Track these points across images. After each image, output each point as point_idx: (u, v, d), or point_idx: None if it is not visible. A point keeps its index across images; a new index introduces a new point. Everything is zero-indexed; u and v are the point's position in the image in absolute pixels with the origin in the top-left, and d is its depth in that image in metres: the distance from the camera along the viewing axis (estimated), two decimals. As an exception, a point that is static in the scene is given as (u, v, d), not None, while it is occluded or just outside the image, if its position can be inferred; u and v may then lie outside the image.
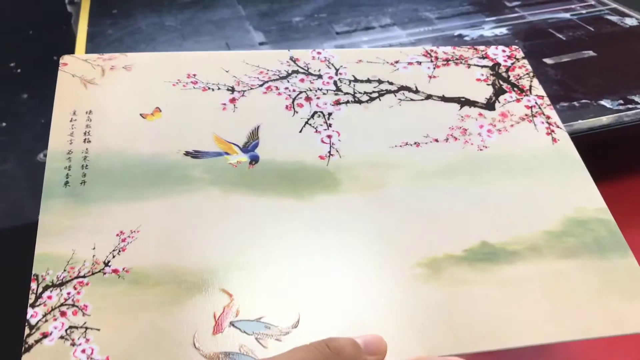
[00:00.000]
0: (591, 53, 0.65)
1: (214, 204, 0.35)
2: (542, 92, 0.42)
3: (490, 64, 0.44)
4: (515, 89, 0.42)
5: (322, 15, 0.78)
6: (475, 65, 0.44)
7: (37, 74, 0.70)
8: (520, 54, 0.45)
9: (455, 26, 0.73)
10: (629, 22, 0.71)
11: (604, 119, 0.53)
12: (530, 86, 0.43)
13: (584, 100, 0.56)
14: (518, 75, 0.43)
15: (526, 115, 0.41)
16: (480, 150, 0.39)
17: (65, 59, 0.41)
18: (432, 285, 0.32)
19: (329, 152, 0.38)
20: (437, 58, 0.44)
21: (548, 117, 0.41)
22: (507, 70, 0.44)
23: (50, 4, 0.81)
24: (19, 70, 0.70)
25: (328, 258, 0.33)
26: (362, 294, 0.32)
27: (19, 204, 0.50)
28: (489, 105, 0.41)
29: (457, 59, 0.44)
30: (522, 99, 0.42)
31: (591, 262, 0.34)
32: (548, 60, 0.63)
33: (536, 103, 0.42)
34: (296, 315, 0.31)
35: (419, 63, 0.43)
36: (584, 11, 0.75)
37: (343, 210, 0.35)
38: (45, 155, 0.49)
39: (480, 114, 0.41)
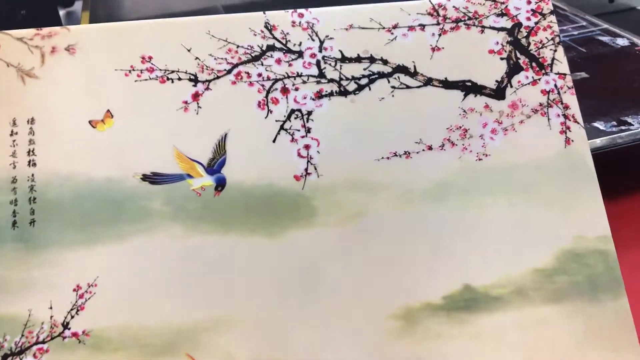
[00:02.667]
0: (584, 75, 0.64)
1: (176, 246, 0.31)
2: (565, 68, 0.35)
3: (509, 25, 0.36)
4: (533, 63, 0.35)
5: None
6: (490, 27, 0.36)
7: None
8: (548, 6, 0.36)
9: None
10: (621, 42, 0.71)
11: (598, 141, 0.53)
12: (553, 59, 0.36)
13: (577, 123, 0.56)
14: (540, 41, 0.36)
15: (540, 105, 0.35)
16: (480, 159, 0.34)
17: None
18: (405, 341, 0.31)
19: (306, 169, 0.33)
20: (445, 18, 0.35)
21: (566, 107, 0.35)
22: (528, 34, 0.36)
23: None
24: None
25: (296, 314, 0.31)
26: (332, 354, 0.30)
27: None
28: (499, 92, 0.35)
29: (470, 19, 0.36)
30: (539, 79, 0.35)
31: (580, 307, 0.32)
32: (541, 83, 0.63)
33: (555, 86, 0.35)
34: None
35: (422, 28, 0.35)
36: (575, 32, 0.75)
37: (316, 249, 0.32)
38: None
39: (486, 106, 0.34)
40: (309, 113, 0.34)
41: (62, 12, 0.89)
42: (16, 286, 0.30)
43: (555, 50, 0.36)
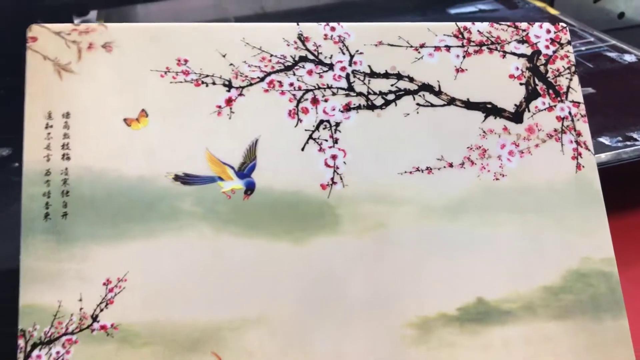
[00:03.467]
0: (591, 90, 0.65)
1: (205, 246, 0.32)
2: (579, 97, 0.37)
3: (529, 51, 0.37)
4: (550, 90, 0.37)
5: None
6: (511, 53, 0.37)
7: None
8: (566, 36, 0.38)
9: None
10: (628, 58, 0.72)
11: (603, 156, 0.53)
12: (568, 88, 0.37)
13: (583, 138, 0.56)
14: (557, 70, 0.38)
15: (555, 130, 0.37)
16: (497, 179, 0.35)
17: (33, 30, 0.34)
18: (420, 348, 0.32)
19: (332, 179, 0.34)
20: (469, 41, 0.37)
21: (579, 134, 0.37)
22: (546, 62, 0.38)
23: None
24: (32, 112, 0.71)
25: (317, 318, 0.32)
26: (350, 357, 0.32)
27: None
28: (517, 116, 0.36)
29: (492, 43, 0.37)
30: (555, 106, 0.37)
31: (582, 324, 0.34)
32: (548, 98, 0.64)
33: (569, 113, 0.37)
34: None
35: (448, 49, 0.37)
36: (583, 48, 0.75)
37: (338, 256, 0.33)
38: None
39: (505, 128, 0.36)
40: (337, 124, 0.35)
41: (77, 21, 0.90)
42: (47, 277, 0.31)
43: (570, 79, 0.37)
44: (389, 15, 0.90)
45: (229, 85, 0.35)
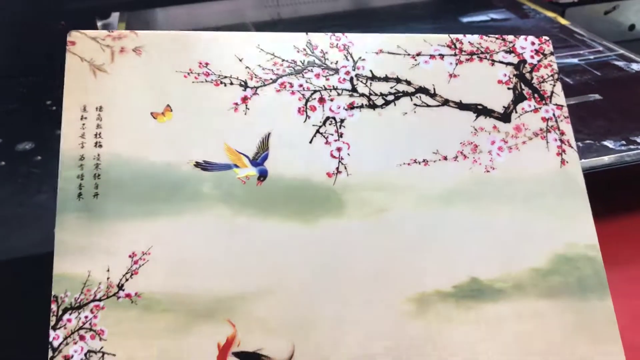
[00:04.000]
0: (597, 96, 0.67)
1: (222, 225, 0.36)
2: (562, 100, 0.41)
3: (515, 60, 0.41)
4: (535, 94, 0.41)
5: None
6: (499, 62, 0.41)
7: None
8: (549, 47, 0.42)
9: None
10: (636, 67, 0.73)
11: (606, 159, 0.55)
12: (552, 92, 0.41)
13: (587, 141, 0.58)
14: (542, 77, 0.41)
15: (540, 130, 0.40)
16: (487, 172, 0.38)
17: (72, 35, 0.38)
18: (418, 321, 0.35)
19: (337, 168, 0.38)
20: (461, 50, 0.41)
21: (562, 133, 0.40)
22: (531, 70, 0.41)
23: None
24: (54, 108, 0.74)
25: (323, 291, 0.35)
26: (353, 327, 0.35)
27: (52, 232, 0.53)
28: (505, 116, 0.40)
29: (482, 52, 0.41)
30: (540, 108, 0.40)
31: (570, 303, 0.36)
32: (555, 103, 0.65)
33: (554, 115, 0.40)
34: (291, 349, 0.34)
35: (442, 57, 0.41)
36: (591, 57, 0.77)
37: (344, 236, 0.36)
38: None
39: (495, 127, 0.40)
40: (342, 121, 0.39)
41: (99, 24, 0.93)
42: (78, 249, 0.34)
43: (554, 85, 0.41)
44: (403, 23, 0.92)
45: (244, 86, 0.39)
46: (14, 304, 0.52)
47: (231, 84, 0.39)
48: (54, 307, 0.33)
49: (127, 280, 0.34)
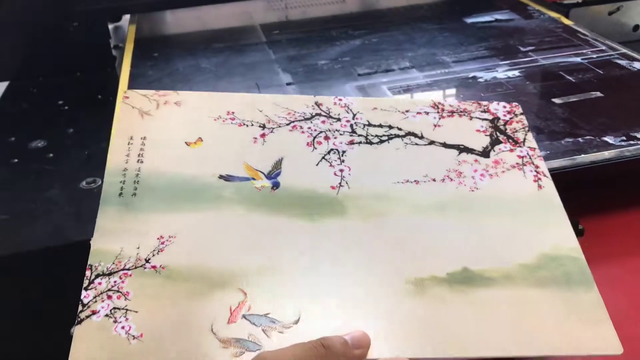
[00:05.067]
0: (598, 94, 0.68)
1: (239, 219, 0.42)
2: (534, 144, 0.49)
3: (490, 117, 0.50)
4: (510, 140, 0.49)
5: (345, 59, 0.82)
6: (476, 117, 0.50)
7: (83, 111, 0.75)
8: (519, 110, 0.51)
9: (470, 69, 0.76)
10: (637, 65, 0.74)
11: (606, 154, 0.56)
12: (525, 139, 0.49)
13: (588, 137, 0.59)
14: (514, 129, 0.50)
15: (517, 164, 0.47)
16: (472, 191, 0.45)
17: (128, 93, 0.48)
18: (417, 300, 0.39)
19: (340, 183, 0.44)
20: (443, 110, 0.50)
21: (537, 167, 0.47)
22: (505, 124, 0.50)
23: (97, 49, 0.87)
24: (66, 108, 0.76)
25: (328, 272, 0.40)
26: (357, 301, 0.39)
27: (63, 226, 0.54)
28: (485, 153, 0.48)
29: (460, 112, 0.50)
30: (515, 149, 0.48)
31: (558, 293, 0.40)
32: (557, 100, 0.66)
33: (527, 154, 0.48)
34: (297, 314, 0.38)
35: (427, 113, 0.50)
36: (594, 55, 0.78)
37: (346, 233, 0.42)
38: (87, 183, 0.54)
39: (476, 160, 0.47)
40: (343, 152, 0.47)
41: (110, 27, 0.94)
42: (114, 232, 0.41)
43: (525, 134, 0.50)
44: (409, 24, 0.93)
45: (263, 127, 0.48)
46: (26, 295, 0.53)
47: (252, 125, 0.48)
48: (88, 273, 0.38)
49: (153, 255, 0.39)
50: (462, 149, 0.47)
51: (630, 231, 0.55)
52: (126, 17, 0.99)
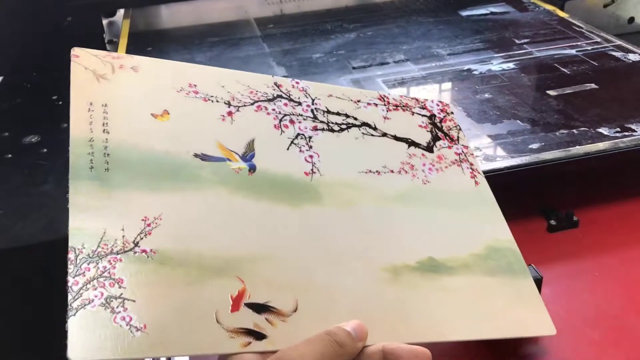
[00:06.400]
0: (593, 86, 0.68)
1: (221, 201, 0.40)
2: (466, 143, 0.52)
3: (427, 114, 0.52)
4: (447, 137, 0.51)
5: (340, 52, 0.82)
6: (417, 113, 0.52)
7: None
8: (449, 109, 0.54)
9: (465, 62, 0.77)
10: (632, 57, 0.74)
11: (601, 145, 0.56)
12: (458, 137, 0.52)
13: (583, 128, 0.59)
14: (449, 127, 0.52)
15: (455, 160, 0.50)
16: (425, 184, 0.47)
17: (76, 51, 0.44)
18: (393, 287, 0.40)
19: (312, 169, 0.44)
20: (389, 103, 0.52)
21: (471, 164, 0.50)
22: (440, 121, 0.52)
23: (91, 44, 0.87)
24: (60, 103, 0.75)
25: (314, 258, 0.40)
26: (345, 289, 0.39)
27: (57, 219, 0.54)
28: (429, 148, 0.50)
29: (403, 106, 0.52)
30: (452, 146, 0.51)
31: (505, 280, 0.43)
32: (552, 92, 0.66)
33: (462, 151, 0.51)
34: (294, 302, 0.37)
35: (375, 105, 0.51)
36: (589, 48, 0.78)
37: (326, 219, 0.42)
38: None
39: (423, 154, 0.49)
40: (310, 138, 0.46)
41: (104, 22, 0.94)
42: (91, 209, 0.37)
43: (458, 132, 0.52)
44: (403, 16, 0.93)
45: (228, 104, 0.46)
46: (23, 287, 0.53)
47: (217, 101, 0.45)
48: (71, 256, 0.35)
49: (141, 239, 0.37)
50: (410, 143, 0.49)
51: (624, 222, 0.55)
52: (120, 12, 0.98)
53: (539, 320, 0.42)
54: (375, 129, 0.49)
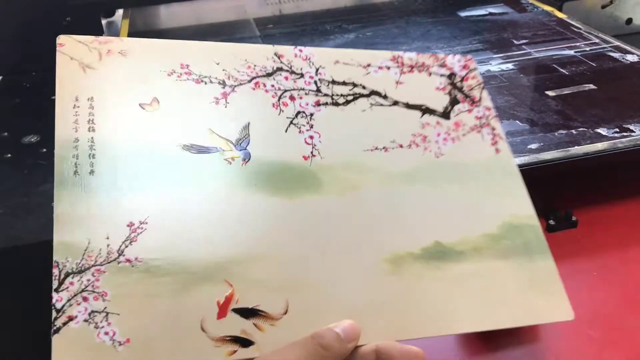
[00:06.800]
0: (592, 86, 0.68)
1: (213, 198, 0.38)
2: (490, 103, 0.48)
3: (447, 72, 0.49)
4: (467, 99, 0.48)
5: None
6: (435, 73, 0.48)
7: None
8: (473, 64, 0.50)
9: (463, 62, 0.76)
10: (630, 58, 0.74)
11: (599, 145, 0.56)
12: (481, 97, 0.48)
13: (581, 129, 0.59)
14: (470, 85, 0.48)
15: (475, 125, 0.46)
16: (437, 157, 0.44)
17: (61, 39, 0.41)
18: (395, 277, 0.39)
19: (312, 152, 0.42)
20: (403, 64, 0.48)
21: (493, 129, 0.47)
22: (461, 80, 0.48)
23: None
24: (59, 102, 0.74)
25: (309, 255, 0.38)
26: (338, 285, 0.38)
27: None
28: (445, 115, 0.46)
29: (419, 67, 0.48)
30: (473, 109, 0.47)
31: (520, 263, 0.41)
32: (550, 93, 0.66)
33: (484, 114, 0.47)
34: (285, 304, 0.36)
35: (388, 68, 0.47)
36: (587, 48, 0.78)
37: (323, 209, 0.40)
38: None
39: (438, 123, 0.46)
40: (311, 115, 0.43)
41: (103, 22, 0.94)
42: (76, 220, 0.36)
43: (481, 92, 0.48)
44: (403, 17, 0.93)
45: (223, 84, 0.43)
46: (20, 289, 0.53)
47: (211, 82, 0.42)
48: (55, 271, 0.34)
49: (126, 247, 0.35)
50: (425, 110, 0.46)
51: (623, 222, 0.56)
52: (120, 12, 0.98)
53: (555, 305, 0.40)
54: (385, 97, 0.46)
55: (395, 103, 0.46)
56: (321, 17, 0.97)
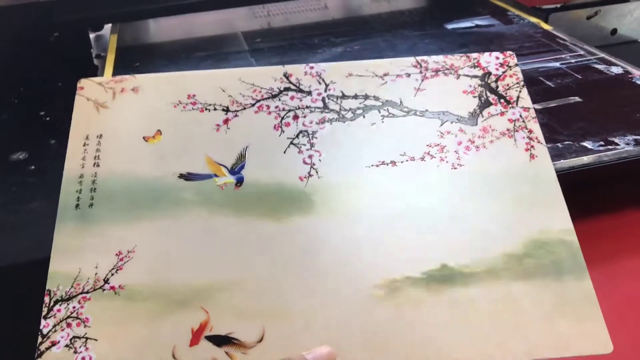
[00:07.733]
0: (577, 99, 0.68)
1: (200, 225, 0.39)
2: (529, 103, 0.44)
3: (480, 73, 0.45)
4: (501, 100, 0.44)
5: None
6: (465, 75, 0.45)
7: (65, 122, 0.75)
8: (514, 60, 0.46)
9: (451, 75, 0.76)
10: (615, 70, 0.75)
11: (585, 159, 0.56)
12: (518, 97, 0.44)
13: (567, 142, 0.59)
14: (507, 85, 0.44)
15: (507, 130, 0.42)
16: (454, 168, 0.41)
17: (82, 82, 0.44)
18: (388, 304, 0.36)
19: (309, 172, 0.41)
20: (426, 69, 0.45)
21: (530, 131, 0.42)
22: (497, 80, 0.45)
23: (78, 59, 0.87)
24: (48, 119, 0.75)
25: (292, 281, 0.37)
26: (324, 311, 0.37)
27: (44, 238, 0.54)
28: (471, 120, 0.43)
29: (447, 69, 0.45)
30: (506, 111, 0.43)
31: (544, 284, 0.37)
32: (536, 106, 0.67)
33: (520, 116, 0.43)
34: (261, 331, 0.36)
35: (408, 75, 0.45)
36: (573, 60, 0.78)
37: (313, 232, 0.39)
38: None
39: (461, 130, 0.42)
40: (314, 133, 0.42)
41: (92, 36, 0.94)
42: (71, 250, 0.38)
43: (520, 91, 0.44)
44: (391, 30, 0.93)
45: (226, 110, 0.43)
46: (8, 308, 0.53)
47: (215, 109, 0.43)
48: (46, 299, 0.36)
49: (112, 275, 0.37)
50: (446, 117, 0.43)
51: (609, 236, 0.56)
52: (108, 26, 0.98)
53: (589, 334, 0.35)
54: (400, 106, 0.43)
55: (412, 112, 0.43)
56: (309, 30, 0.97)
